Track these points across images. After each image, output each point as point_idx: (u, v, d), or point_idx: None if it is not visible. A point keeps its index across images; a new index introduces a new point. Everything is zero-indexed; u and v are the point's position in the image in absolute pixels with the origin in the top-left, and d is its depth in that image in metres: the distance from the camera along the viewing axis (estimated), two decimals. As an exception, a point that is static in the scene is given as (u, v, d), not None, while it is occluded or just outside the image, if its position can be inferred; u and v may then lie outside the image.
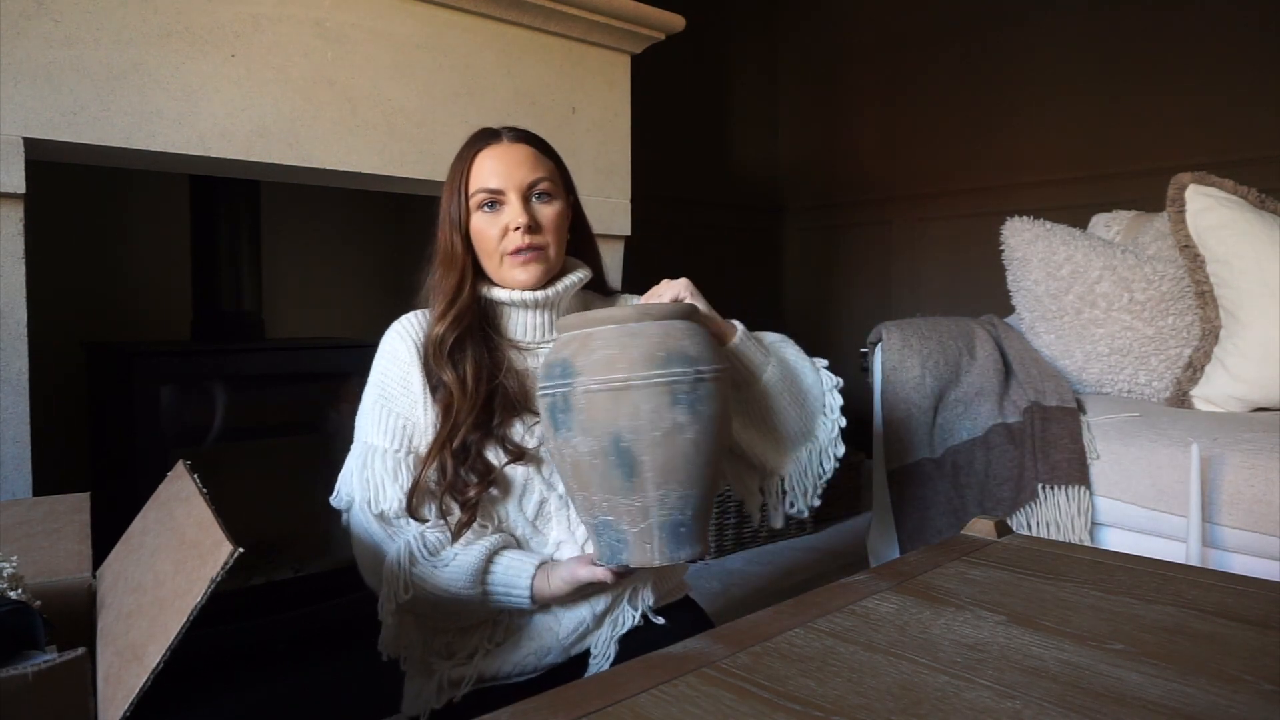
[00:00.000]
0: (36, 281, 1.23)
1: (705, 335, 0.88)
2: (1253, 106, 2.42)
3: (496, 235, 1.00)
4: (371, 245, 2.27)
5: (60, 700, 0.59)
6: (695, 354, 0.84)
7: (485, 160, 1.01)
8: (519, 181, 1.00)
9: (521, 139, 1.04)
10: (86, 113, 1.24)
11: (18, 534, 0.92)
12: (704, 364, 0.84)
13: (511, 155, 1.02)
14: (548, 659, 1.00)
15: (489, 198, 1.00)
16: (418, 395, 1.00)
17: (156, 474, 0.99)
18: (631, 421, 0.80)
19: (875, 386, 1.85)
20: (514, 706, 0.51)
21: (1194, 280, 1.78)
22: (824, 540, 2.51)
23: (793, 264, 3.59)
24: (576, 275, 1.06)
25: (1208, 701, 0.53)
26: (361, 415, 1.03)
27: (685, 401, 0.81)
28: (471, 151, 1.03)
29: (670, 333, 0.85)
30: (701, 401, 0.83)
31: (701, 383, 0.83)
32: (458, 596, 0.95)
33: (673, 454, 0.81)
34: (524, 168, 1.01)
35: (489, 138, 1.04)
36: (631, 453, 0.80)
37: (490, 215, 1.01)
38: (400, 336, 1.03)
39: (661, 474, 0.81)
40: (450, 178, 1.04)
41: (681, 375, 0.82)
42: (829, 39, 3.44)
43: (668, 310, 0.88)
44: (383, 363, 1.03)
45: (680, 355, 0.83)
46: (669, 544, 0.83)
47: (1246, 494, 1.37)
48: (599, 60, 1.90)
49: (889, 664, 0.58)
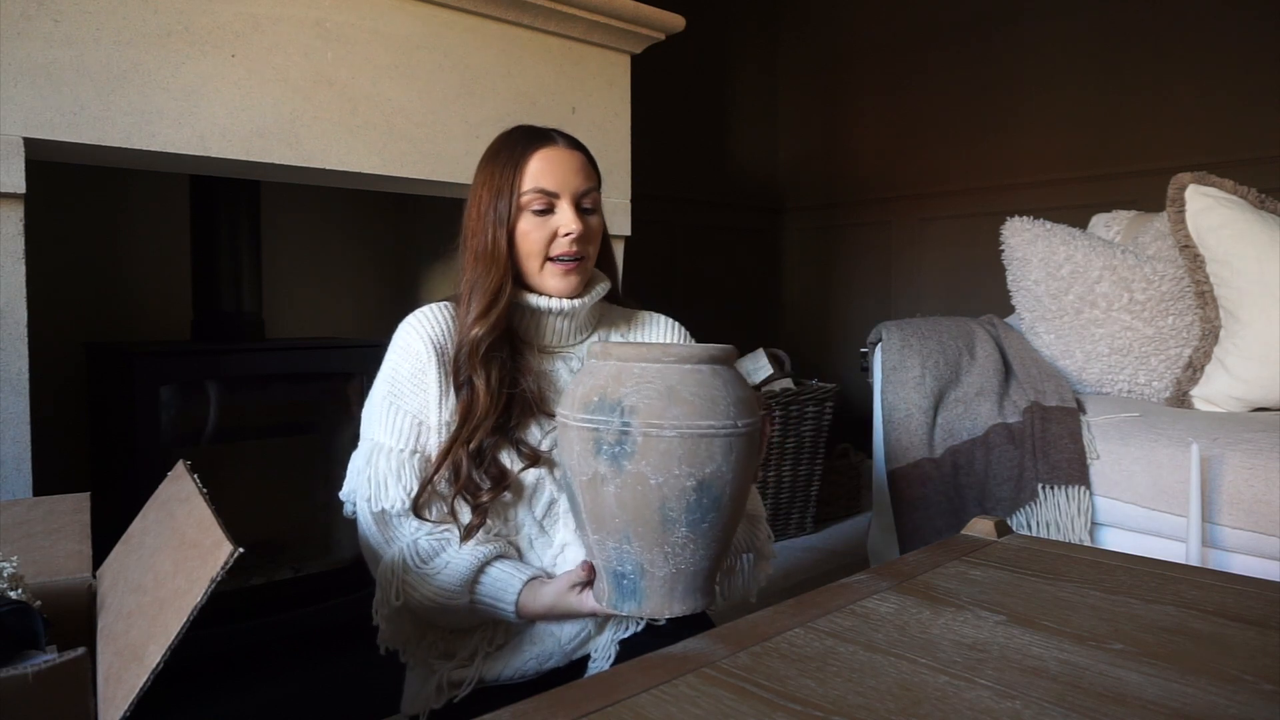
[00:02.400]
0: (36, 281, 1.23)
1: (746, 382, 0.88)
2: (1253, 106, 2.42)
3: (544, 239, 0.99)
4: (371, 245, 2.27)
5: (60, 700, 0.59)
6: (745, 403, 0.82)
7: (541, 161, 1.00)
8: (574, 188, 1.00)
9: (575, 146, 1.04)
10: (86, 113, 1.24)
11: (18, 534, 0.92)
12: (748, 416, 0.82)
13: (568, 161, 1.01)
14: (549, 664, 0.99)
15: (541, 199, 0.99)
16: (431, 394, 0.99)
17: (156, 474, 0.99)
18: (680, 469, 0.78)
19: (875, 386, 1.85)
20: (514, 706, 0.51)
21: (1194, 280, 1.78)
22: (824, 540, 2.51)
23: (793, 264, 3.59)
24: (602, 286, 1.07)
25: (1208, 701, 0.53)
26: (369, 410, 1.02)
27: (728, 452, 0.80)
28: (525, 150, 1.01)
29: (727, 379, 0.83)
30: (743, 452, 0.81)
31: (743, 435, 0.81)
32: (446, 605, 0.95)
33: (708, 505, 0.79)
34: (579, 175, 1.01)
35: (541, 138, 1.02)
36: (669, 501, 0.78)
37: (539, 218, 1.00)
38: (417, 332, 1.01)
39: (696, 526, 0.79)
40: (492, 173, 1.01)
41: (729, 426, 0.80)
42: (829, 39, 3.44)
43: (722, 353, 0.85)
44: (396, 357, 1.01)
45: (739, 403, 0.81)
46: (688, 595, 0.82)
47: (1246, 494, 1.37)
48: (599, 60, 1.90)
49: (889, 664, 0.58)
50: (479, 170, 1.05)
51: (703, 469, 0.78)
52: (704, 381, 0.81)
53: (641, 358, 0.82)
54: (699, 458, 0.78)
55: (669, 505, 0.78)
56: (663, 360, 0.81)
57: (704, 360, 0.83)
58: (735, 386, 0.83)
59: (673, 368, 0.81)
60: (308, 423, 1.84)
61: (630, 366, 0.82)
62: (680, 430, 0.78)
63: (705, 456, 0.78)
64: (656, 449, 0.77)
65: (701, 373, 0.82)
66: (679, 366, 0.81)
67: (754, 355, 2.52)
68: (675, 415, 0.78)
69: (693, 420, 0.78)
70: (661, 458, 0.78)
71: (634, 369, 0.81)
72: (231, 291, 1.72)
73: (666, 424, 0.78)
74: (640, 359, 0.82)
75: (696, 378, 0.81)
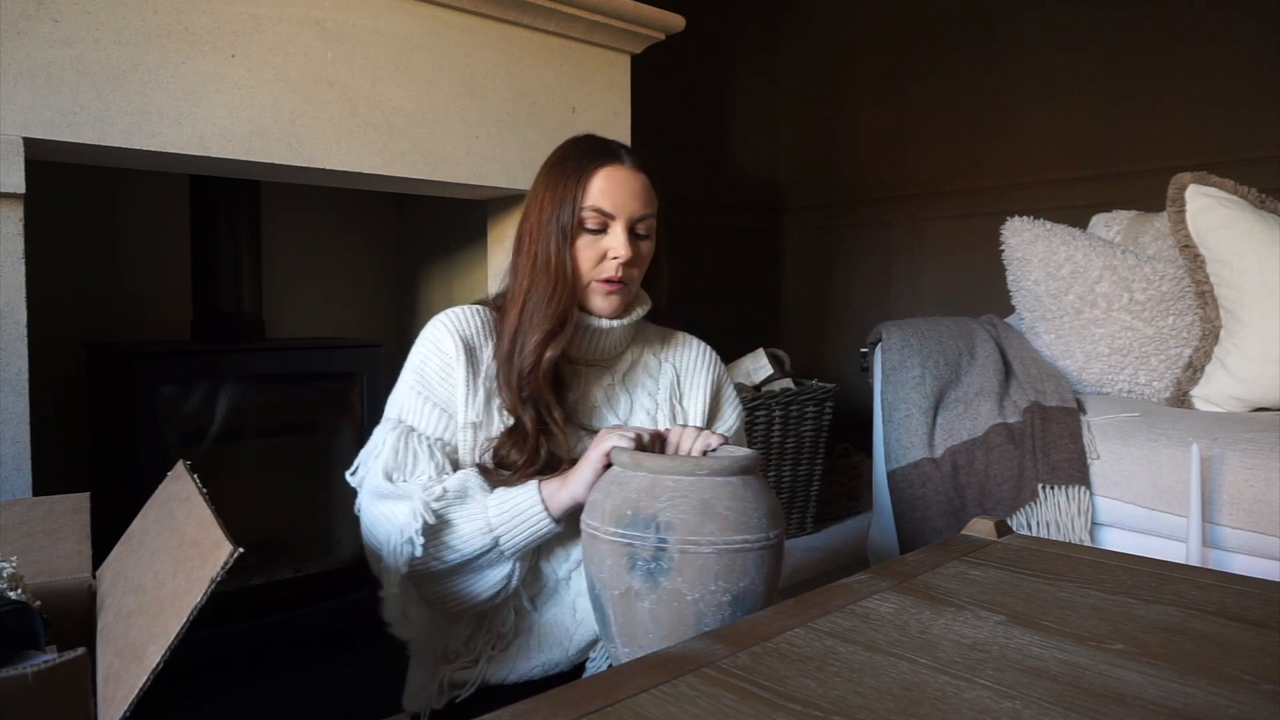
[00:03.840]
0: (36, 281, 1.23)
1: (772, 490, 0.87)
2: (1253, 106, 2.42)
3: (594, 258, 0.99)
4: (371, 245, 2.27)
5: (60, 700, 0.59)
6: (774, 513, 0.82)
7: (605, 179, 0.99)
8: (631, 212, 1.00)
9: (642, 168, 1.03)
10: (86, 113, 1.24)
11: (18, 534, 0.92)
12: (777, 526, 0.82)
13: (632, 184, 1.01)
14: (555, 671, 0.99)
15: (597, 218, 0.99)
16: (459, 391, 0.98)
17: (156, 474, 0.99)
18: (716, 585, 0.78)
19: (875, 386, 1.85)
20: (514, 706, 0.51)
21: (1194, 280, 1.78)
22: (824, 540, 2.51)
23: (793, 264, 3.59)
24: (643, 308, 1.08)
25: (1208, 701, 0.53)
26: (395, 400, 1.01)
27: (760, 565, 0.80)
28: (591, 165, 1.00)
29: (757, 490, 0.82)
30: (773, 563, 0.82)
31: (774, 547, 0.81)
32: (469, 556, 0.91)
33: (741, 618, 0.79)
34: (639, 200, 1.01)
35: (608, 155, 1.01)
36: (705, 617, 0.78)
37: (592, 237, 0.99)
38: (448, 329, 1.00)
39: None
40: (557, 182, 1.00)
41: (763, 539, 0.80)
42: (829, 39, 3.44)
43: (750, 462, 0.85)
44: (424, 351, 1.01)
45: (769, 514, 0.81)
46: None
47: (1246, 494, 1.37)
48: (599, 60, 1.90)
49: (889, 664, 0.58)
50: (543, 174, 1.04)
51: (738, 583, 0.78)
52: (737, 495, 0.80)
53: (675, 470, 0.81)
54: (734, 572, 0.78)
55: (704, 620, 0.78)
56: (696, 474, 0.81)
57: (735, 472, 0.82)
58: (765, 497, 0.83)
59: (706, 481, 0.80)
60: (308, 423, 1.84)
61: (663, 479, 0.81)
62: (717, 546, 0.77)
63: (740, 571, 0.78)
64: (693, 565, 0.77)
65: (734, 485, 0.81)
66: (712, 480, 0.81)
67: (754, 355, 2.52)
68: (711, 531, 0.78)
69: (728, 535, 0.78)
70: (698, 574, 0.77)
71: (667, 482, 0.81)
72: (231, 291, 1.72)
73: (703, 540, 0.77)
74: (673, 471, 0.81)
75: (730, 490, 0.80)
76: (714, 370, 1.14)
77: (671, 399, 1.09)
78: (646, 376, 1.10)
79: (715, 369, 1.15)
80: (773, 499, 0.85)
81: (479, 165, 1.67)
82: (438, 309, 1.08)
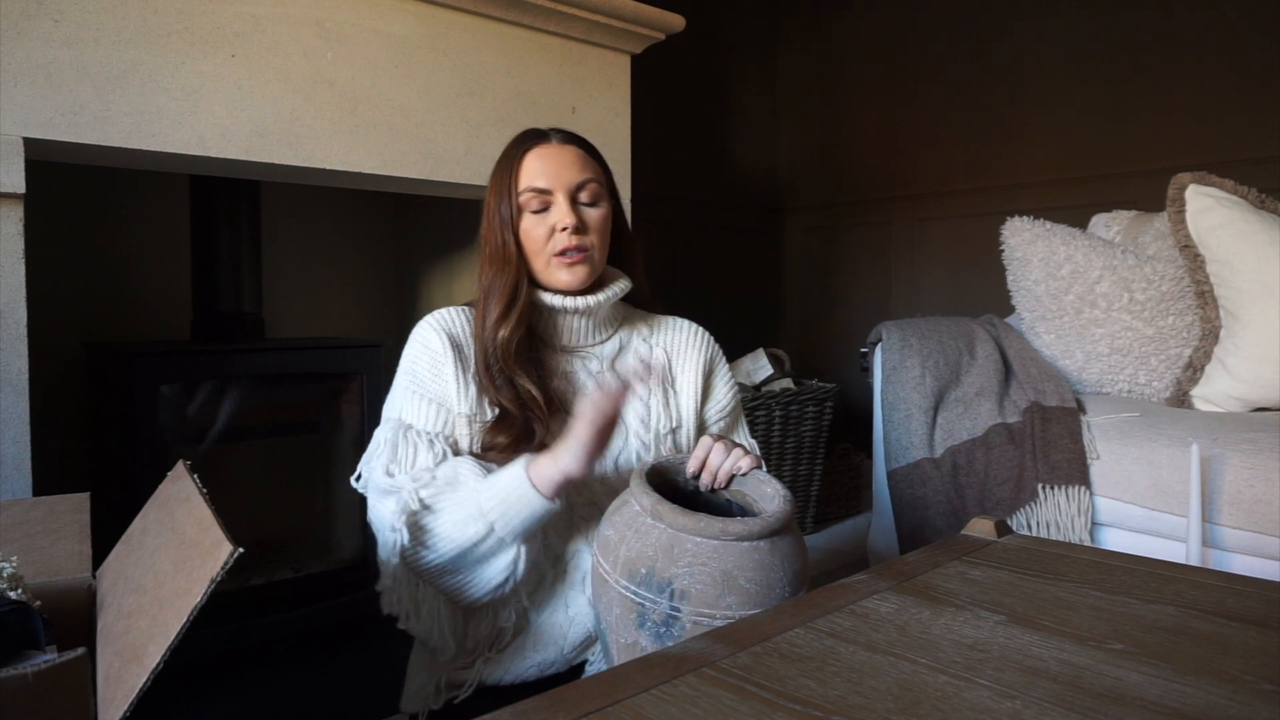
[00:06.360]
0: (36, 281, 1.23)
1: (803, 545, 0.82)
2: (1253, 106, 2.42)
3: (544, 235, 1.01)
4: (371, 245, 2.27)
5: (60, 700, 0.59)
6: (800, 575, 0.77)
7: (533, 160, 1.02)
8: (567, 182, 1.01)
9: (569, 140, 1.05)
10: (86, 113, 1.24)
11: (18, 534, 0.92)
12: (801, 587, 0.79)
13: (560, 156, 1.02)
14: (550, 670, 0.99)
15: (537, 198, 1.01)
16: (450, 386, 0.99)
17: (156, 474, 0.99)
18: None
19: (875, 386, 1.85)
20: (514, 706, 0.51)
21: (1194, 280, 1.78)
22: (824, 540, 2.51)
23: (793, 264, 3.59)
24: (619, 285, 1.07)
25: (1208, 701, 0.53)
26: (392, 402, 1.02)
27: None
28: (519, 151, 1.03)
29: (786, 552, 0.78)
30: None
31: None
32: (466, 544, 0.89)
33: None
34: (572, 169, 1.02)
35: (536, 138, 1.04)
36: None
37: (537, 216, 1.01)
38: (433, 328, 1.02)
39: None
40: (496, 177, 1.04)
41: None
42: (829, 39, 3.44)
43: (780, 522, 0.79)
44: (414, 352, 1.02)
45: (794, 578, 0.76)
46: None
47: (1246, 494, 1.37)
48: (599, 60, 1.90)
49: (889, 664, 0.58)
50: (490, 178, 1.06)
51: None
52: (762, 563, 0.76)
53: (698, 531, 0.76)
54: None
55: None
56: (722, 539, 0.75)
57: (763, 535, 0.77)
58: (793, 560, 0.79)
59: (730, 546, 0.75)
60: (308, 423, 1.84)
61: (683, 539, 0.76)
62: (732, 620, 0.73)
63: None
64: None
65: (760, 551, 0.76)
66: (737, 545, 0.75)
67: (754, 355, 2.52)
68: (729, 604, 0.73)
69: (746, 609, 0.73)
70: None
71: (687, 543, 0.76)
72: (231, 291, 1.72)
73: (719, 614, 0.73)
74: (696, 533, 0.76)
75: (755, 559, 0.76)
76: (705, 350, 1.14)
77: (664, 383, 1.10)
78: (637, 361, 1.10)
79: (707, 349, 1.14)
80: (802, 557, 0.80)
81: (479, 165, 1.67)
82: (437, 309, 1.08)
